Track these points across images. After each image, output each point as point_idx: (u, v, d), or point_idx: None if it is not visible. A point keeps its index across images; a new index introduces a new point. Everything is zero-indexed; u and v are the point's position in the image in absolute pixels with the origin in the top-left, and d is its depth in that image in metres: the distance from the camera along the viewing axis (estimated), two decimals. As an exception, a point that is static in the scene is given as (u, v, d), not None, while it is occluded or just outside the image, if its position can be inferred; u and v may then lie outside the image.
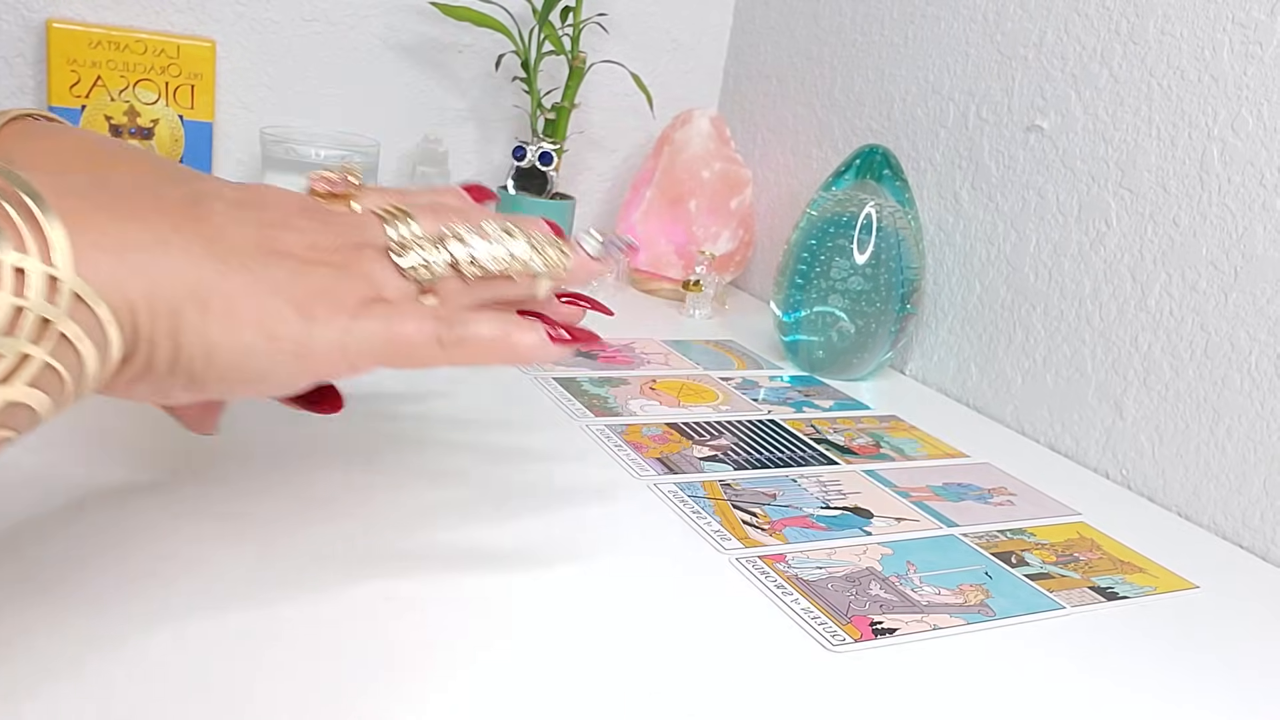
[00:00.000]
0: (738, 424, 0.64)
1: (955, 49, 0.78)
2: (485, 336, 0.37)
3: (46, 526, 0.40)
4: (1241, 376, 0.59)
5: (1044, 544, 0.54)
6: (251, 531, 0.42)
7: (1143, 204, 0.65)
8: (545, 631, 0.39)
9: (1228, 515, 0.59)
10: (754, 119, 1.01)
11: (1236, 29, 0.59)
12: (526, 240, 0.40)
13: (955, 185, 0.78)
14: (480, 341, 0.37)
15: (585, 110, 0.99)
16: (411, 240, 0.39)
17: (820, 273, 0.74)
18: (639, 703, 0.36)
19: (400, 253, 0.38)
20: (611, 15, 0.97)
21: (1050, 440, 0.70)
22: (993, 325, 0.75)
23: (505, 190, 0.87)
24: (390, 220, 0.39)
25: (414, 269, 0.38)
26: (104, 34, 0.79)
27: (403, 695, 0.34)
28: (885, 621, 0.44)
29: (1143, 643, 0.45)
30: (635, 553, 0.46)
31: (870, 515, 0.54)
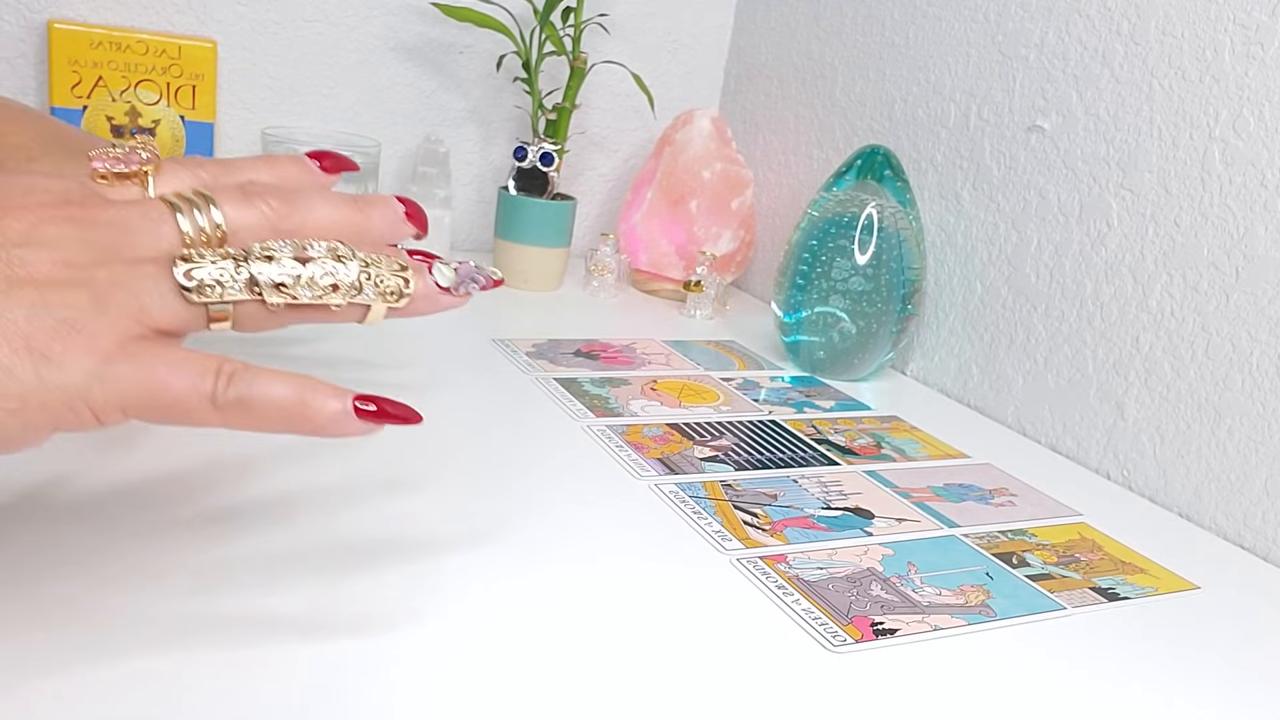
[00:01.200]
0: (739, 424, 0.64)
1: (956, 49, 0.78)
2: (274, 400, 0.30)
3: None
4: (1243, 377, 0.59)
5: (1045, 545, 0.54)
6: (242, 528, 0.42)
7: (1144, 204, 0.64)
8: (546, 632, 0.39)
9: (1229, 516, 0.59)
10: (755, 119, 1.01)
11: (1238, 29, 0.59)
12: (360, 265, 0.33)
13: (956, 185, 0.78)
14: (268, 406, 0.30)
15: (586, 111, 0.99)
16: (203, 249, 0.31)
17: (821, 273, 0.73)
18: (640, 703, 0.36)
19: (185, 269, 0.31)
20: (612, 16, 0.97)
21: (1051, 441, 0.70)
22: (994, 326, 0.75)
23: (506, 190, 0.87)
24: (185, 209, 0.32)
25: (199, 289, 0.31)
26: (105, 34, 0.79)
27: (403, 695, 0.34)
28: (886, 622, 0.43)
29: (1144, 643, 0.45)
30: (636, 553, 0.46)
31: (871, 516, 0.54)
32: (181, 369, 0.30)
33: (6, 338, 0.28)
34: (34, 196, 0.31)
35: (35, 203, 0.30)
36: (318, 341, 0.66)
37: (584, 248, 0.99)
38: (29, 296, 0.28)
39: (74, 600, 0.36)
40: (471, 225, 1.00)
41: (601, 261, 0.89)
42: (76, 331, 0.29)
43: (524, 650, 0.38)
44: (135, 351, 0.30)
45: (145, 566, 0.38)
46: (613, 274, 0.90)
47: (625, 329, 0.81)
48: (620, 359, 0.73)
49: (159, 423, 0.30)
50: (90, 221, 0.31)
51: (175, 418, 0.30)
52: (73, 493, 0.43)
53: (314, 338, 0.66)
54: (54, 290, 0.29)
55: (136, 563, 0.39)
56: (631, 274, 0.95)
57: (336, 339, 0.66)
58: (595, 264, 0.89)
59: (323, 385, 0.31)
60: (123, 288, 0.30)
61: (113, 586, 0.37)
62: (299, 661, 0.35)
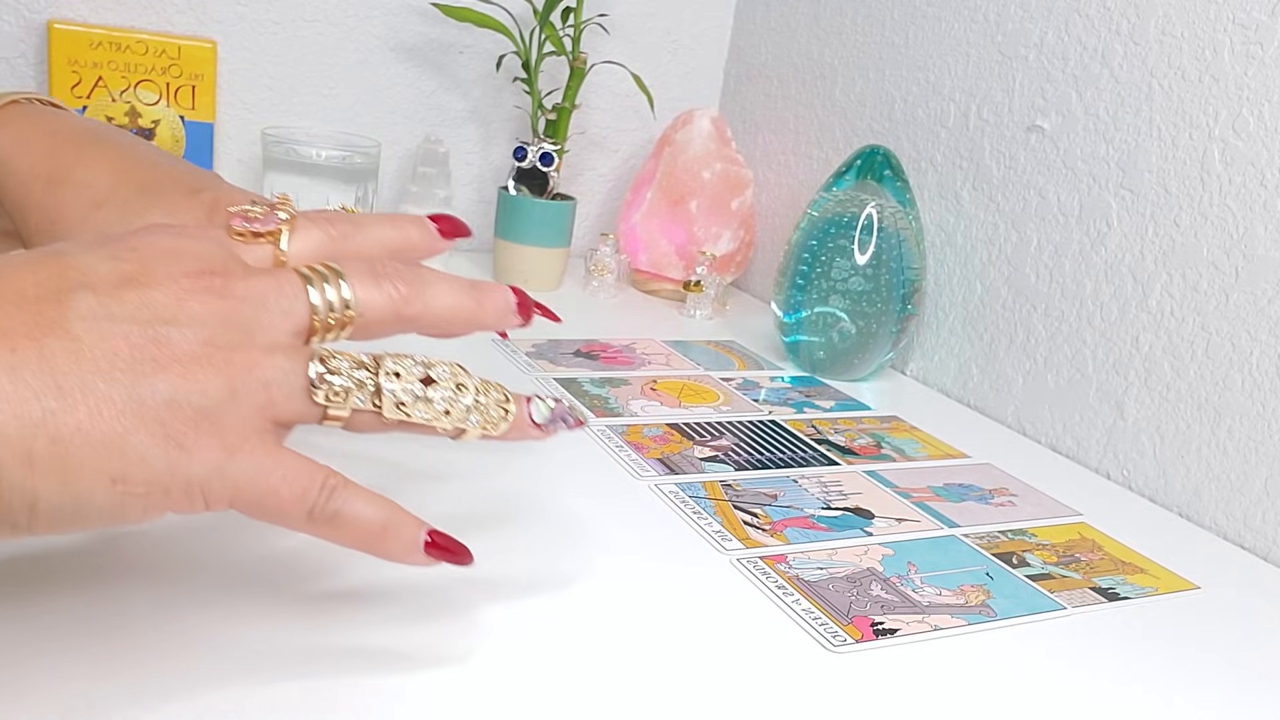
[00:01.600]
0: (739, 424, 0.64)
1: (956, 49, 0.78)
2: (362, 522, 0.32)
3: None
4: (1243, 377, 0.59)
5: (1045, 545, 0.54)
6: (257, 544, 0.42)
7: (1144, 204, 0.65)
8: (546, 632, 0.39)
9: (1229, 516, 0.59)
10: (755, 119, 1.01)
11: (1237, 29, 0.59)
12: (474, 395, 0.34)
13: (956, 186, 0.78)
14: (354, 526, 0.32)
15: (586, 111, 0.99)
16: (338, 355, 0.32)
17: (821, 273, 0.73)
18: (640, 703, 0.36)
19: (319, 370, 0.31)
20: (612, 16, 0.97)
21: (1051, 441, 0.70)
22: (994, 326, 0.75)
23: (506, 191, 0.87)
24: (317, 282, 0.33)
25: (327, 394, 0.32)
26: (105, 35, 0.79)
27: (402, 695, 0.34)
28: (886, 622, 0.43)
29: (1144, 643, 0.45)
30: (636, 553, 0.46)
31: (871, 516, 0.54)
32: (294, 478, 0.30)
33: (146, 423, 0.28)
34: (178, 262, 0.31)
35: (180, 270, 0.30)
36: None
37: (584, 248, 0.99)
38: (172, 380, 0.29)
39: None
40: (471, 225, 0.99)
41: (601, 261, 0.89)
42: (210, 421, 0.29)
43: (524, 650, 0.38)
44: (256, 449, 0.30)
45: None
46: (613, 274, 0.90)
47: (625, 329, 0.81)
48: (620, 359, 0.73)
49: (254, 518, 0.31)
50: (230, 294, 0.31)
51: (271, 519, 0.31)
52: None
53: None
54: (195, 373, 0.29)
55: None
56: (631, 274, 0.95)
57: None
58: (595, 264, 0.89)
59: (405, 515, 0.33)
60: (256, 376, 0.30)
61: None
62: (297, 663, 0.35)
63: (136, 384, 0.28)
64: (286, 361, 0.31)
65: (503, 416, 0.35)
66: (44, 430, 0.26)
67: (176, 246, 0.31)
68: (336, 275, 0.33)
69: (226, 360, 0.30)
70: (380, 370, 0.33)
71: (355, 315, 0.33)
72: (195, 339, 0.29)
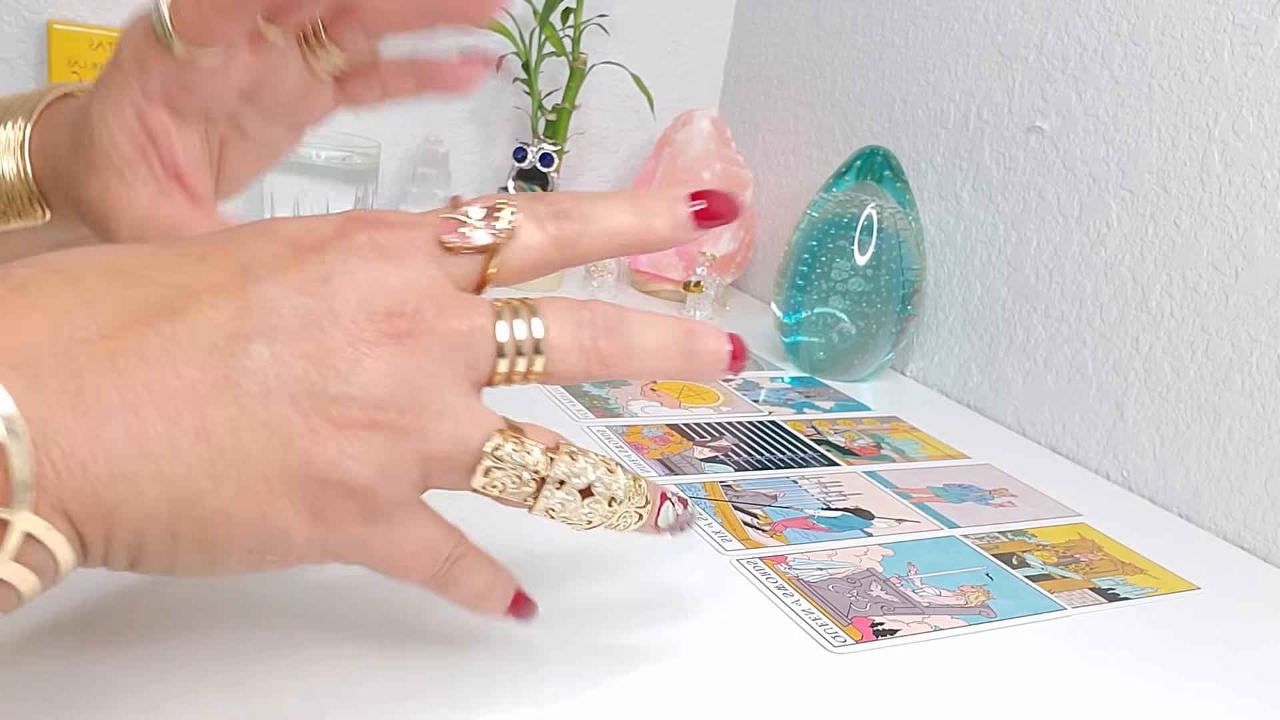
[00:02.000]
0: (738, 425, 0.64)
1: (956, 50, 0.78)
2: (471, 589, 0.31)
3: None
4: (1243, 377, 0.59)
5: (1045, 545, 0.54)
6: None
7: (1143, 205, 0.65)
8: (545, 632, 0.39)
9: (1229, 516, 0.59)
10: (754, 120, 1.01)
11: (1237, 30, 0.59)
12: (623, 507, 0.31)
13: (956, 186, 0.78)
14: (462, 592, 0.31)
15: (586, 111, 0.99)
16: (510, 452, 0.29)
17: (821, 274, 0.74)
18: (640, 703, 0.36)
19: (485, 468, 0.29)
20: (612, 17, 0.97)
21: (1051, 441, 0.70)
22: (993, 326, 0.75)
23: (506, 191, 0.87)
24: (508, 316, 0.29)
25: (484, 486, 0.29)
26: (105, 35, 0.79)
27: (405, 693, 0.34)
28: (886, 623, 0.43)
29: (1144, 644, 0.45)
30: (635, 554, 0.46)
31: (871, 516, 0.54)
32: (425, 553, 0.29)
33: (294, 500, 0.26)
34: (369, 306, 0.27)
35: (367, 315, 0.27)
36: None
37: (584, 248, 0.99)
38: (329, 453, 0.26)
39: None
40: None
41: (601, 262, 0.89)
42: (360, 499, 0.27)
43: (523, 650, 0.38)
44: (396, 518, 0.28)
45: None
46: (612, 275, 0.90)
47: (625, 329, 0.81)
48: (620, 359, 0.73)
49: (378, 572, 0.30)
50: (415, 348, 0.27)
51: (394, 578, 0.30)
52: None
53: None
54: (354, 446, 0.26)
55: None
56: (631, 274, 0.95)
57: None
58: (595, 265, 0.89)
59: (506, 581, 0.32)
60: (419, 451, 0.27)
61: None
62: (293, 649, 0.35)
63: (290, 456, 0.25)
64: (455, 435, 0.28)
65: (635, 521, 0.32)
66: (192, 512, 0.25)
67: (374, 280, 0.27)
68: (531, 311, 0.29)
69: (392, 433, 0.27)
70: (548, 479, 0.30)
71: (542, 374, 0.30)
72: (364, 403, 0.26)
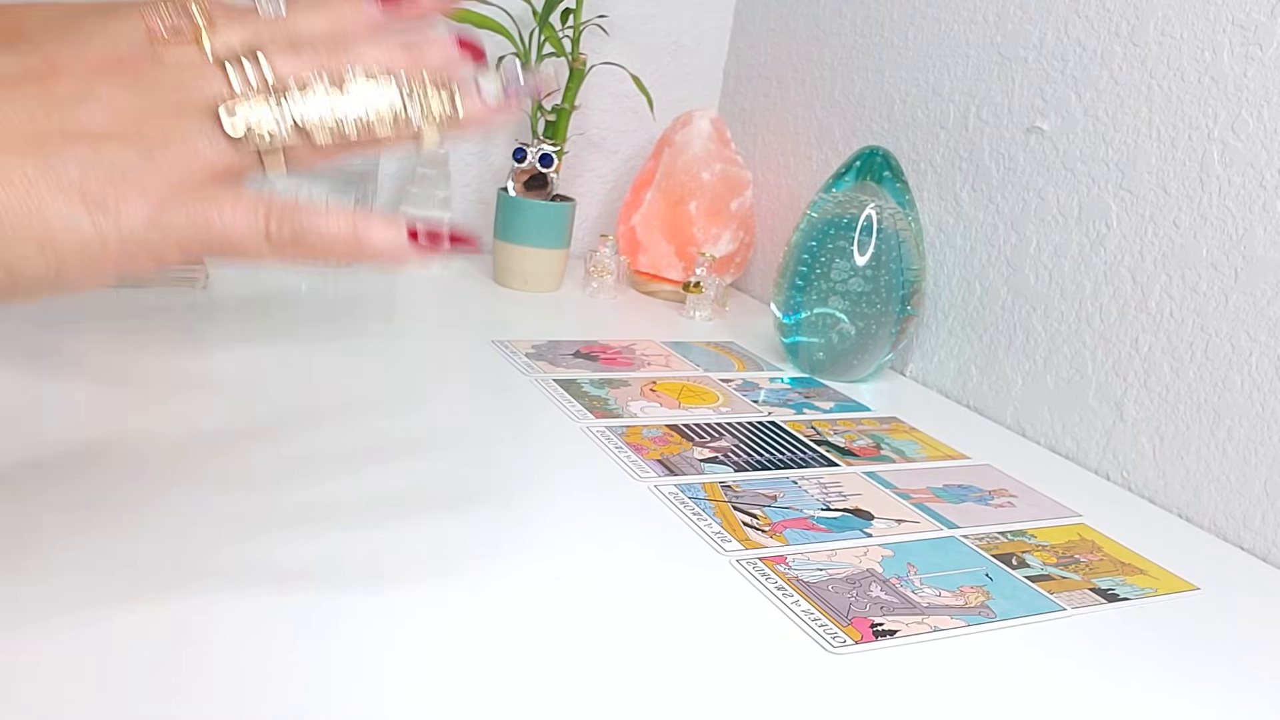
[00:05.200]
0: (738, 426, 0.64)
1: (955, 50, 0.78)
2: (327, 233, 0.32)
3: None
4: (1242, 378, 0.59)
5: (1045, 546, 0.54)
6: (246, 530, 0.42)
7: (1143, 205, 0.65)
8: (545, 632, 0.39)
9: (1228, 517, 0.59)
10: (754, 120, 1.01)
11: (1236, 30, 0.59)
12: (399, 88, 0.33)
13: (955, 187, 0.78)
14: (321, 238, 0.32)
15: (586, 112, 0.99)
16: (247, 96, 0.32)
17: (820, 274, 0.74)
18: (640, 704, 0.36)
19: (229, 115, 0.31)
20: (612, 17, 0.97)
21: (1051, 442, 0.70)
22: (993, 327, 0.75)
23: (505, 192, 0.87)
24: (235, 64, 0.32)
25: (247, 135, 0.31)
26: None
27: (402, 694, 0.34)
28: (886, 623, 0.43)
29: (1143, 644, 0.45)
30: (636, 554, 0.46)
31: (871, 517, 0.54)
32: (232, 209, 0.31)
33: (63, 190, 0.29)
34: (85, 54, 0.31)
35: (87, 62, 0.31)
36: (310, 329, 0.66)
37: (583, 249, 0.99)
38: (83, 150, 0.29)
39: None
40: (472, 227, 1.00)
41: (601, 263, 0.89)
42: (130, 181, 0.30)
43: (523, 651, 0.38)
44: (188, 196, 0.31)
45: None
46: (612, 275, 0.90)
47: (625, 330, 0.81)
48: (620, 360, 0.73)
49: (218, 261, 0.31)
50: (139, 76, 0.31)
51: (234, 254, 0.31)
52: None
53: (307, 325, 0.66)
54: (107, 143, 0.30)
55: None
56: (631, 275, 0.95)
57: (336, 340, 0.66)
58: (595, 265, 0.89)
59: (376, 215, 0.33)
60: (173, 138, 0.31)
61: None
62: (298, 661, 0.35)
63: (45, 156, 0.29)
64: (201, 118, 0.31)
65: (449, 107, 0.33)
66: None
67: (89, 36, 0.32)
68: (255, 54, 0.32)
69: (138, 130, 0.30)
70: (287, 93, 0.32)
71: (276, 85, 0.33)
72: (104, 114, 0.30)
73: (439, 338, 0.71)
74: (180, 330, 0.65)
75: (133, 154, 0.30)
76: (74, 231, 0.29)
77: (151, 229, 0.30)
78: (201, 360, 0.60)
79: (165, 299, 0.69)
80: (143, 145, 0.30)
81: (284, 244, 0.32)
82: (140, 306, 0.67)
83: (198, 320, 0.67)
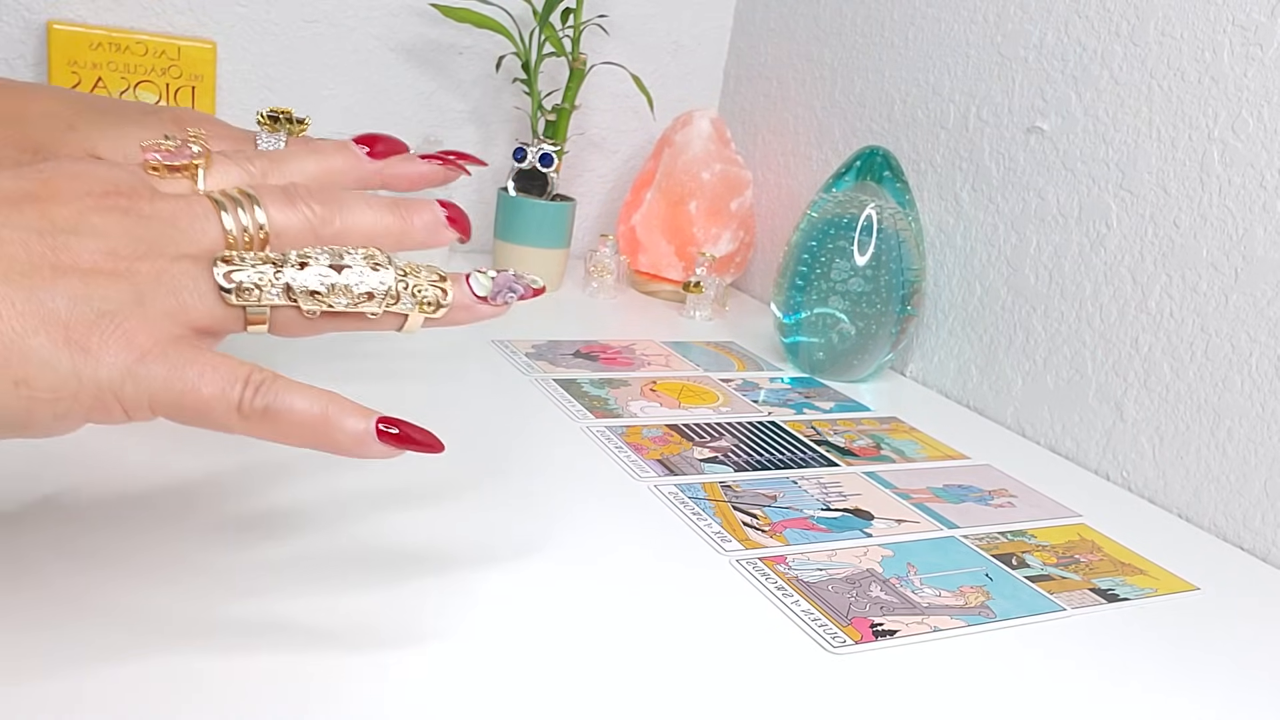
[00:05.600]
0: (738, 425, 0.64)
1: (956, 50, 0.78)
2: (298, 414, 0.31)
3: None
4: (1242, 378, 0.59)
5: (1045, 546, 0.54)
6: (246, 532, 0.42)
7: (1143, 205, 0.65)
8: (545, 633, 0.39)
9: (1229, 517, 0.59)
10: (754, 120, 1.01)
11: (1237, 30, 0.59)
12: (396, 273, 0.33)
13: (955, 187, 0.78)
14: (291, 419, 0.31)
15: (586, 112, 0.99)
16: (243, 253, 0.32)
17: (821, 274, 0.73)
18: (639, 704, 0.36)
19: (225, 270, 0.31)
20: (612, 17, 0.97)
21: (1051, 442, 0.70)
22: (993, 327, 0.75)
23: (506, 192, 0.87)
24: (230, 207, 0.32)
25: (238, 291, 0.31)
26: (105, 35, 0.79)
27: (402, 694, 0.34)
28: (886, 623, 0.43)
29: (1144, 645, 0.45)
30: (635, 554, 0.46)
31: (871, 517, 0.54)
32: (211, 374, 0.30)
33: (47, 327, 0.28)
34: (83, 183, 0.31)
35: (84, 190, 0.31)
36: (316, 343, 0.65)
37: (583, 249, 0.99)
38: (72, 286, 0.29)
39: (93, 598, 0.36)
40: (471, 226, 0.99)
41: (601, 263, 0.89)
42: (115, 326, 0.29)
43: (523, 651, 0.38)
44: (169, 351, 0.30)
45: (166, 567, 0.38)
46: (612, 275, 0.90)
47: (625, 330, 0.81)
48: (620, 360, 0.73)
49: (185, 424, 0.30)
50: (136, 213, 0.31)
51: (201, 421, 0.30)
52: (100, 492, 0.43)
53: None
54: (96, 281, 0.29)
55: (159, 563, 0.39)
56: (631, 275, 0.95)
57: (331, 337, 0.66)
58: (595, 265, 0.89)
59: (348, 404, 0.32)
60: (163, 284, 0.30)
61: (133, 585, 0.37)
62: (305, 663, 0.35)
63: (35, 289, 0.28)
64: (194, 266, 0.31)
65: (440, 296, 0.34)
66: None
67: (85, 169, 0.31)
68: (251, 200, 0.33)
69: (130, 269, 0.30)
70: (286, 263, 0.32)
71: (271, 236, 0.33)
72: (97, 249, 0.29)
73: (439, 337, 0.71)
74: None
75: (122, 296, 0.29)
76: (52, 371, 0.28)
77: (127, 379, 0.29)
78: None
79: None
80: (132, 287, 0.30)
81: (254, 418, 0.31)
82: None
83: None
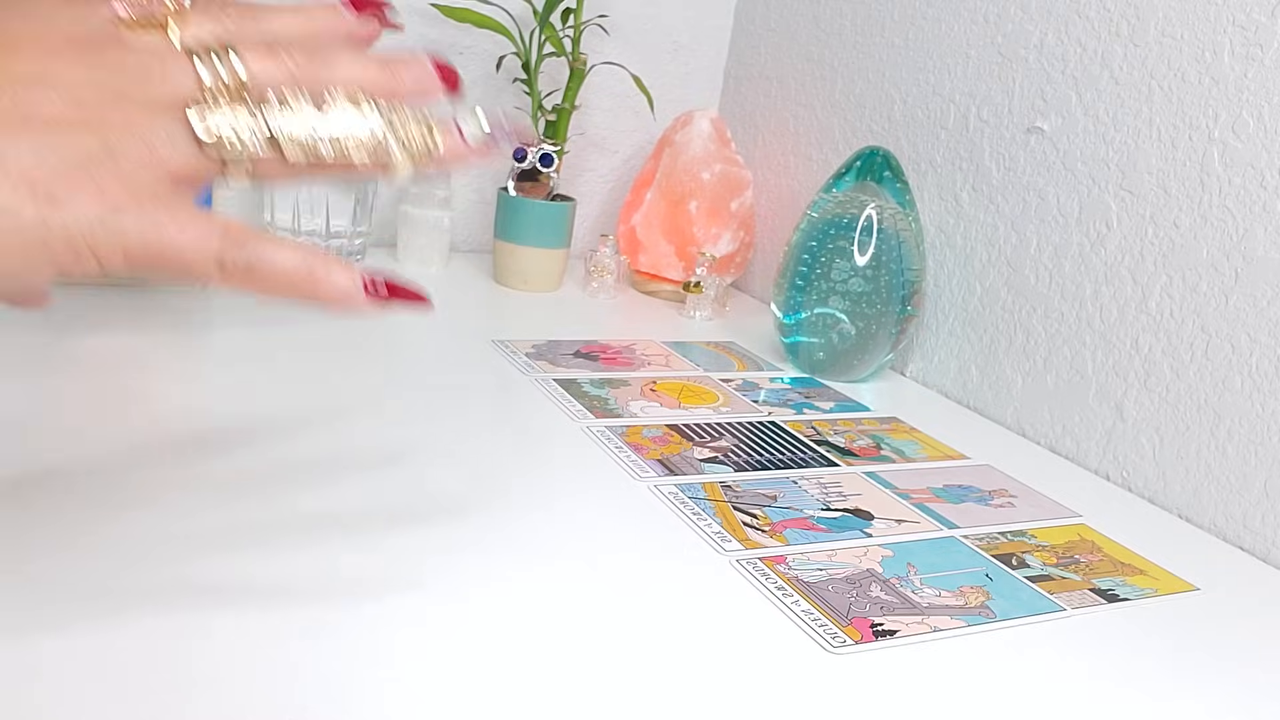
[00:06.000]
0: (738, 425, 0.64)
1: (956, 51, 0.78)
2: (281, 268, 0.30)
3: None
4: (1242, 378, 0.59)
5: (1044, 546, 0.54)
6: (244, 534, 0.42)
7: (1143, 206, 0.65)
8: (545, 633, 0.39)
9: (1228, 517, 0.59)
10: (754, 120, 1.01)
11: (1237, 31, 0.59)
12: (383, 117, 0.31)
13: (956, 187, 0.78)
14: (274, 273, 0.30)
15: (586, 112, 0.99)
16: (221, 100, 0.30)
17: (821, 274, 0.73)
18: (639, 704, 0.36)
19: (200, 117, 0.29)
20: (612, 17, 0.97)
21: (1051, 442, 0.70)
22: (993, 327, 0.75)
23: (505, 191, 0.87)
24: (205, 57, 0.30)
25: (217, 144, 0.30)
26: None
27: (403, 696, 0.34)
28: (886, 623, 0.43)
29: (1143, 645, 0.45)
30: (635, 554, 0.46)
31: (871, 517, 0.54)
32: (189, 226, 0.29)
33: (9, 178, 0.27)
34: (48, 33, 0.29)
35: (48, 40, 0.29)
36: (309, 330, 0.66)
37: (583, 249, 0.99)
38: (36, 137, 0.28)
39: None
40: (471, 226, 1.00)
41: (601, 263, 0.89)
42: (84, 176, 0.28)
43: (523, 651, 0.38)
44: (145, 203, 0.29)
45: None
46: (612, 275, 0.90)
47: (625, 330, 0.81)
48: (620, 360, 0.73)
49: (162, 276, 0.29)
50: (103, 62, 0.29)
51: (180, 273, 0.29)
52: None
53: (306, 326, 0.66)
54: (63, 131, 0.28)
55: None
56: (631, 275, 0.95)
57: (331, 336, 0.66)
58: (595, 265, 0.89)
59: (333, 258, 0.31)
60: (134, 133, 0.29)
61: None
62: (304, 666, 0.35)
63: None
64: (169, 115, 0.29)
65: (429, 143, 0.32)
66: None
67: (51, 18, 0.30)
68: (228, 50, 0.31)
69: (99, 118, 0.29)
70: (266, 106, 0.30)
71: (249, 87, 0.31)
72: (61, 99, 0.28)
73: (439, 337, 0.71)
74: (179, 329, 0.65)
75: (90, 145, 0.28)
76: (16, 219, 0.27)
77: (99, 228, 0.28)
78: (201, 359, 0.60)
79: (165, 299, 0.69)
80: (101, 136, 0.28)
81: (235, 272, 0.30)
82: (140, 306, 0.66)
83: (197, 319, 0.67)
